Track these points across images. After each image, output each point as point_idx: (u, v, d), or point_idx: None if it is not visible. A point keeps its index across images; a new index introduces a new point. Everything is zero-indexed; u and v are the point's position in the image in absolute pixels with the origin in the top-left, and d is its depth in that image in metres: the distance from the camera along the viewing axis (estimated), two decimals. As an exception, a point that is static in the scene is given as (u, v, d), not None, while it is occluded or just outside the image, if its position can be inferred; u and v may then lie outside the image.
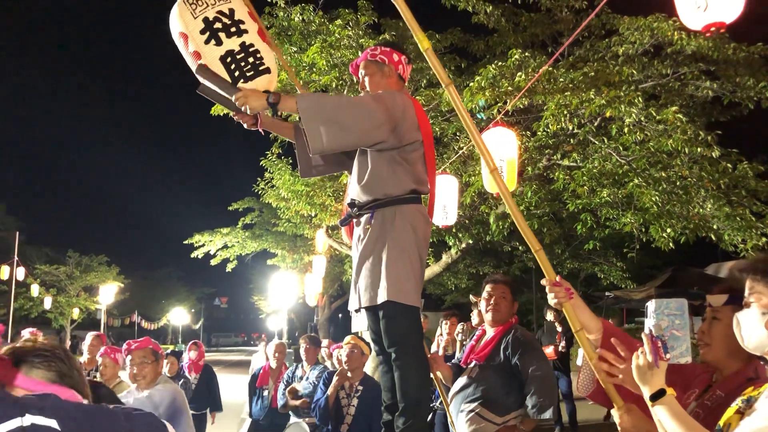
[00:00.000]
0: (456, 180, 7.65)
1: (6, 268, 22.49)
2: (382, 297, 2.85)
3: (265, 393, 6.73)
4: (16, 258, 23.22)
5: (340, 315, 30.56)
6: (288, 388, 6.29)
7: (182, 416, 3.94)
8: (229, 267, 18.27)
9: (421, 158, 3.05)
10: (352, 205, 3.13)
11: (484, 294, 3.86)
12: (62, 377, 1.71)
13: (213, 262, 18.03)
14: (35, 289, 26.90)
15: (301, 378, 6.39)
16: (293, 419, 6.05)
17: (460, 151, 9.23)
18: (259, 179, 14.09)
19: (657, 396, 1.76)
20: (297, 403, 6.07)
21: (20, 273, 23.59)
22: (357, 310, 3.05)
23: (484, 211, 9.38)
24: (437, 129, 9.44)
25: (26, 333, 6.19)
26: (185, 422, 3.94)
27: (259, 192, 14.10)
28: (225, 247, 17.79)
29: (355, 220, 3.15)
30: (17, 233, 23.89)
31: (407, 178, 2.98)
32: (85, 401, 1.73)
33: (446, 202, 7.11)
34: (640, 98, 7.46)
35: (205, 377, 7.58)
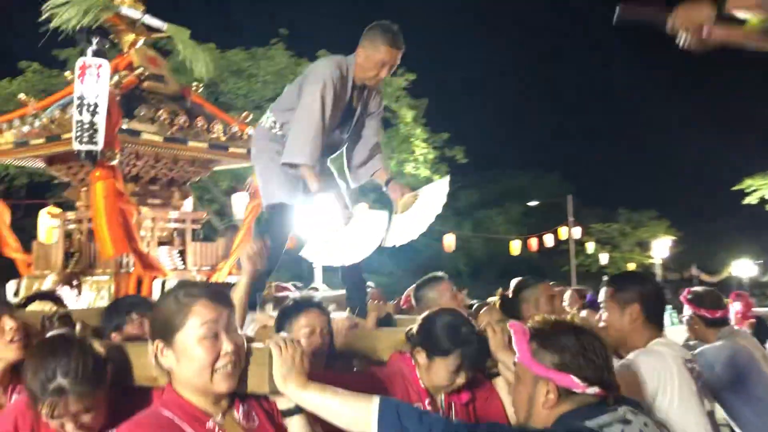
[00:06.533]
0: None
1: (564, 229, 25.02)
2: None
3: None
4: (571, 218, 25.68)
5: None
6: None
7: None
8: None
9: None
10: None
11: None
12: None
13: (770, 207, 16.17)
14: (591, 247, 29.07)
15: None
16: None
17: None
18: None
19: None
20: None
21: (577, 232, 26.07)
22: None
23: None
24: None
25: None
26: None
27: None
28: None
29: None
30: (570, 197, 26.49)
31: None
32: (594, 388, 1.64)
33: None
34: None
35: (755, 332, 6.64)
